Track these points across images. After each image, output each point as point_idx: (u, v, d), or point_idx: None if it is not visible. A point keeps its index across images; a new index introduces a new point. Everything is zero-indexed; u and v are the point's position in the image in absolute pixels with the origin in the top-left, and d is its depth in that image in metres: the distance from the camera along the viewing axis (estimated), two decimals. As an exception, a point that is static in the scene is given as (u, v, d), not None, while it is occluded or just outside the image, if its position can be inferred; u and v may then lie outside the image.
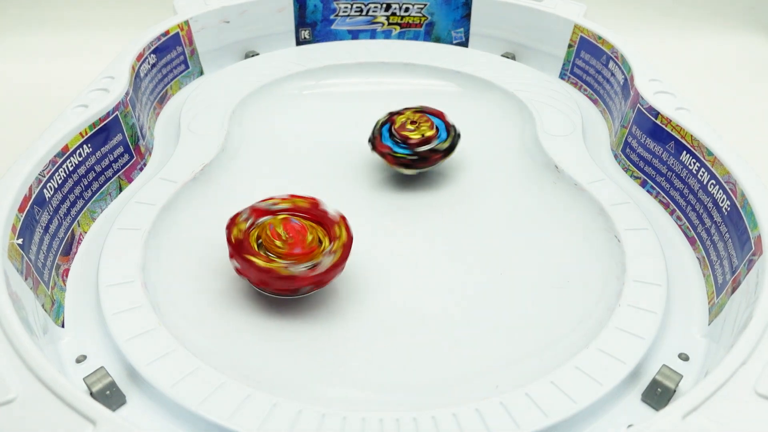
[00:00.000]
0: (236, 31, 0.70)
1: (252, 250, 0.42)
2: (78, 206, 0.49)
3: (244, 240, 0.42)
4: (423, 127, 0.53)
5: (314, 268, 0.41)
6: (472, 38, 0.74)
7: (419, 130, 0.52)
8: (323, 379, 0.40)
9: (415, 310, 0.44)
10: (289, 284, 0.41)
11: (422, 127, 0.53)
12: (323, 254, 0.41)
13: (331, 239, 0.42)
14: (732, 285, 0.42)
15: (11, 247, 0.40)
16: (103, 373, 0.37)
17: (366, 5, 0.73)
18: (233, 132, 0.59)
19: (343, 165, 0.58)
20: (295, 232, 0.42)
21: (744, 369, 0.32)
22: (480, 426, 0.35)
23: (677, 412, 0.31)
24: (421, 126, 0.53)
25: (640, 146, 0.54)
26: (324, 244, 0.42)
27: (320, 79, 0.68)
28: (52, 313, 0.41)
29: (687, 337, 0.41)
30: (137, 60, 0.59)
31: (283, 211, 0.44)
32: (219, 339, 0.42)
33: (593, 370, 0.37)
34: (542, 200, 0.54)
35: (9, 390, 0.31)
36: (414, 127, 0.53)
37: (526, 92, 0.64)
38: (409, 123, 0.53)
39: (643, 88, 0.55)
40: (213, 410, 0.35)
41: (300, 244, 0.42)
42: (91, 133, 0.50)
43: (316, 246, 0.42)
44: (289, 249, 0.41)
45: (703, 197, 0.48)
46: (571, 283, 0.46)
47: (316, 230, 0.43)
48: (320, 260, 0.41)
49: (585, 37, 0.66)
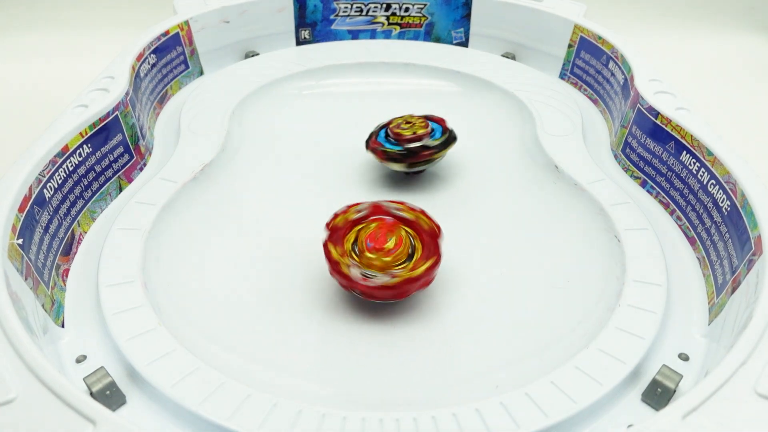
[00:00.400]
0: (236, 31, 0.70)
1: (340, 240, 0.43)
2: (78, 206, 0.49)
3: (342, 228, 0.43)
4: (417, 126, 0.53)
5: (366, 278, 0.41)
6: (472, 38, 0.74)
7: (412, 128, 0.53)
8: (323, 379, 0.40)
9: (414, 310, 0.44)
10: (344, 280, 0.42)
11: (416, 126, 0.53)
12: (385, 270, 0.41)
13: (414, 264, 0.42)
14: (732, 285, 0.42)
15: (11, 247, 0.40)
16: (103, 373, 0.37)
17: (366, 5, 0.73)
18: (233, 132, 0.59)
19: (343, 165, 0.58)
20: (380, 243, 0.42)
21: (744, 369, 0.32)
22: (480, 426, 0.35)
23: (677, 412, 0.31)
24: (416, 125, 0.54)
25: (640, 146, 0.55)
26: (406, 265, 0.42)
27: (320, 79, 0.68)
28: (52, 313, 0.41)
29: (687, 337, 0.41)
30: (137, 60, 0.59)
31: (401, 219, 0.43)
32: (219, 339, 0.42)
33: (593, 370, 0.37)
34: (542, 200, 0.54)
35: (9, 390, 0.31)
36: (408, 126, 0.54)
37: (526, 92, 0.64)
38: (404, 123, 0.54)
39: (643, 88, 0.55)
40: (213, 410, 0.35)
41: (382, 252, 0.41)
42: (91, 133, 0.50)
43: (393, 261, 0.41)
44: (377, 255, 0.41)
45: (703, 197, 0.48)
46: (571, 283, 0.46)
47: (417, 252, 0.42)
48: (376, 275, 0.41)
49: (585, 37, 0.66)
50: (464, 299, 0.45)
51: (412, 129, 0.53)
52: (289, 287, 0.46)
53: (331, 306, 0.44)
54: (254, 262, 0.47)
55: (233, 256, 0.48)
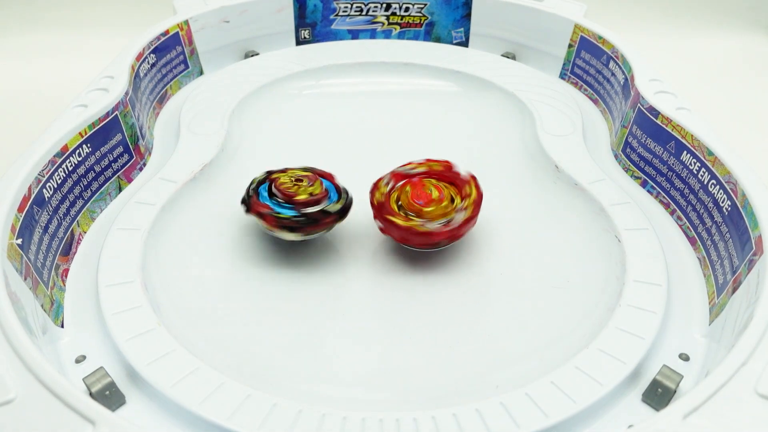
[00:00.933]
0: (236, 31, 0.70)
1: (393, 211, 0.45)
2: (77, 206, 0.49)
3: (385, 202, 0.46)
4: (307, 184, 0.46)
5: (448, 224, 0.45)
6: (472, 38, 0.74)
7: (303, 187, 0.46)
8: (323, 379, 0.40)
9: (414, 310, 0.44)
10: (427, 239, 0.45)
11: (306, 185, 0.46)
12: (456, 211, 0.45)
13: (462, 197, 0.46)
14: (733, 285, 0.42)
15: (10, 247, 0.40)
16: (102, 373, 0.37)
17: (366, 5, 0.73)
18: (233, 132, 0.59)
19: (342, 165, 0.58)
20: (426, 195, 0.45)
21: (744, 369, 0.32)
22: (480, 426, 0.35)
23: (678, 412, 0.31)
24: (304, 183, 0.46)
25: (640, 146, 0.54)
26: (456, 202, 0.46)
27: (320, 79, 0.68)
28: (52, 313, 0.41)
29: (687, 337, 0.41)
30: (137, 60, 0.59)
31: (419, 174, 0.47)
32: (219, 339, 0.42)
33: (593, 370, 0.37)
34: (542, 200, 0.54)
35: (9, 390, 0.31)
36: (297, 184, 0.46)
37: (526, 92, 0.64)
38: (290, 180, 0.47)
39: (644, 87, 0.55)
40: (213, 410, 0.35)
41: (434, 203, 0.45)
42: (91, 133, 0.50)
43: (449, 204, 0.45)
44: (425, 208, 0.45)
45: (703, 197, 0.48)
46: (571, 283, 0.46)
47: (449, 190, 0.46)
48: (453, 216, 0.45)
49: (585, 36, 0.66)
50: (464, 299, 0.45)
51: (304, 189, 0.46)
52: (289, 288, 0.45)
53: (331, 306, 0.44)
54: (254, 262, 0.47)
55: (233, 256, 0.48)
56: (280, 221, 0.45)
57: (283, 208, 0.45)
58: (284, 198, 0.45)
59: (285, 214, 0.45)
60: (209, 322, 0.43)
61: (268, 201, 0.46)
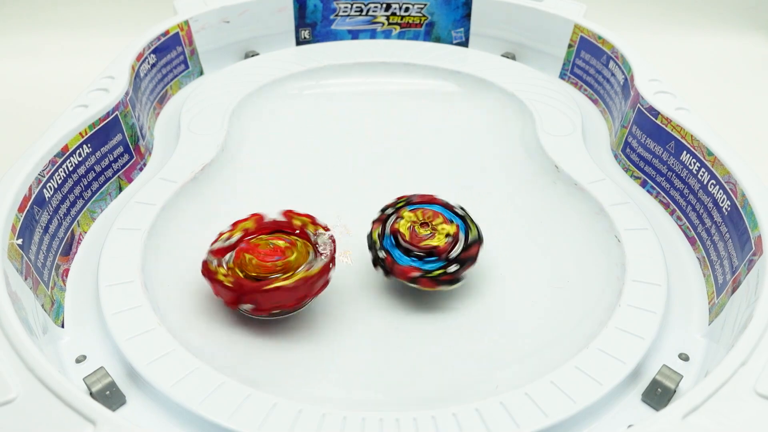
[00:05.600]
0: (236, 31, 0.70)
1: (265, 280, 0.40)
2: (78, 206, 0.49)
3: (241, 280, 0.40)
4: (440, 226, 0.42)
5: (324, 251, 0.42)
6: (472, 38, 0.74)
7: (435, 230, 0.42)
8: (323, 379, 0.40)
9: (413, 312, 0.44)
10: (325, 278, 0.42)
11: (439, 226, 0.42)
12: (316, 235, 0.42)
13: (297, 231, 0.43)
14: (732, 285, 0.42)
15: (11, 247, 0.40)
16: (102, 373, 0.37)
17: (366, 5, 0.73)
18: (233, 132, 0.59)
19: (342, 165, 0.58)
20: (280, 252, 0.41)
21: (744, 369, 0.32)
22: (480, 426, 0.35)
23: (677, 412, 0.31)
24: (437, 225, 0.42)
25: (640, 146, 0.54)
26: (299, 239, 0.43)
27: (320, 79, 0.68)
28: (52, 313, 0.41)
29: (687, 337, 0.41)
30: (137, 60, 0.59)
31: (241, 240, 0.43)
32: (219, 339, 0.42)
33: (593, 370, 0.37)
34: (542, 200, 0.54)
35: (9, 390, 0.31)
36: (426, 228, 0.42)
37: (526, 92, 0.64)
38: (416, 224, 0.42)
39: (643, 88, 0.55)
40: (213, 410, 0.35)
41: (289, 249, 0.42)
42: (91, 133, 0.50)
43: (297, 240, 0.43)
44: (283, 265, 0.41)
45: (703, 197, 0.48)
46: (571, 283, 0.46)
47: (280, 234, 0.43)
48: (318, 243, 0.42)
49: (585, 37, 0.66)
50: (463, 299, 0.45)
51: (437, 231, 0.42)
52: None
53: (330, 307, 0.44)
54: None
55: (233, 256, 0.48)
56: (436, 279, 0.41)
57: (429, 264, 0.41)
58: (416, 246, 0.41)
59: (437, 270, 0.41)
60: (209, 322, 0.43)
61: (409, 261, 0.42)
